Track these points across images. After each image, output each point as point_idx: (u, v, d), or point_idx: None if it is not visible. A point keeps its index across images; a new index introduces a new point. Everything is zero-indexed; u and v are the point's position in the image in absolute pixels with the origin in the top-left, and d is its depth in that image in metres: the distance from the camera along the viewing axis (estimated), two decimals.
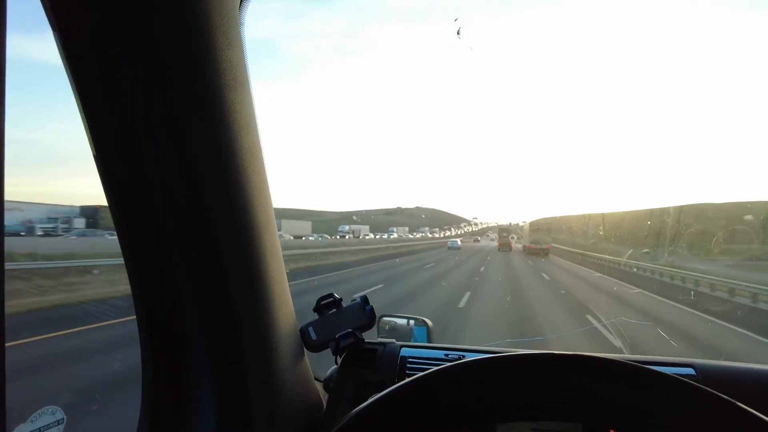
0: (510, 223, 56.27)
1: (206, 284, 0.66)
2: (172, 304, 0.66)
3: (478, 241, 64.13)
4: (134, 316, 0.67)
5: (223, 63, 0.60)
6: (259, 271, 0.70)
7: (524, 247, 37.07)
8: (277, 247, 0.75)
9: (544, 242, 33.21)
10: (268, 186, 0.72)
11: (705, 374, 0.85)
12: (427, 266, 19.64)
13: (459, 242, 41.14)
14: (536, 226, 36.48)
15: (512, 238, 44.96)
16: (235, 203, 0.65)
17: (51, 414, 0.63)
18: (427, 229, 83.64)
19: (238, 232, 0.67)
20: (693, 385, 0.54)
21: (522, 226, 47.95)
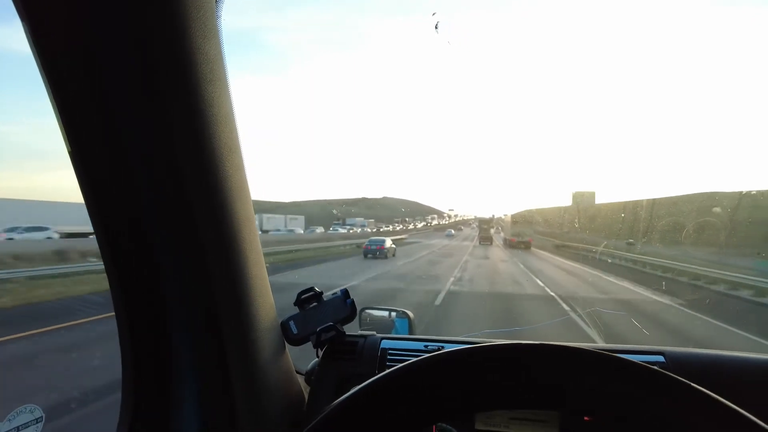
0: (493, 216, 55.64)
1: (187, 280, 0.66)
2: (152, 299, 0.66)
3: (454, 232, 57.85)
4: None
5: (200, 56, 0.59)
6: (240, 266, 0.70)
7: (505, 240, 37.29)
8: (256, 242, 0.75)
9: (525, 235, 33.24)
10: (246, 181, 0.72)
11: (674, 361, 0.87)
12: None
13: (389, 242, 21.01)
14: (517, 219, 36.43)
15: (493, 230, 45.33)
16: (215, 198, 0.65)
17: (29, 412, 0.62)
18: (361, 221, 63.77)
19: (218, 227, 0.67)
20: (660, 372, 0.56)
21: (503, 219, 48.23)
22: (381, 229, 53.14)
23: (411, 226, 72.34)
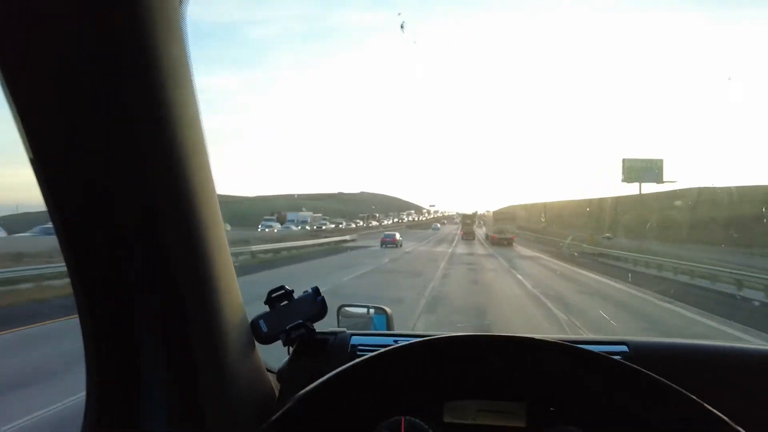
0: (476, 212, 55.93)
1: (153, 279, 0.65)
2: (117, 299, 0.65)
3: (439, 227, 56.75)
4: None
5: (164, 57, 0.58)
6: (207, 265, 0.70)
7: (487, 236, 36.97)
8: (223, 241, 0.75)
9: (508, 231, 32.77)
10: (212, 181, 0.72)
11: (637, 351, 0.89)
12: None
13: (398, 235, 26.55)
14: (499, 216, 35.80)
15: (476, 225, 45.68)
16: (181, 199, 0.65)
17: None
18: (303, 216, 54.25)
19: (184, 227, 0.66)
20: (620, 362, 0.58)
21: (485, 215, 48.58)
22: (327, 227, 45.16)
23: (388, 222, 68.74)
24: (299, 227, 42.76)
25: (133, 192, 0.61)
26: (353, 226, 53.37)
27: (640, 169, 30.82)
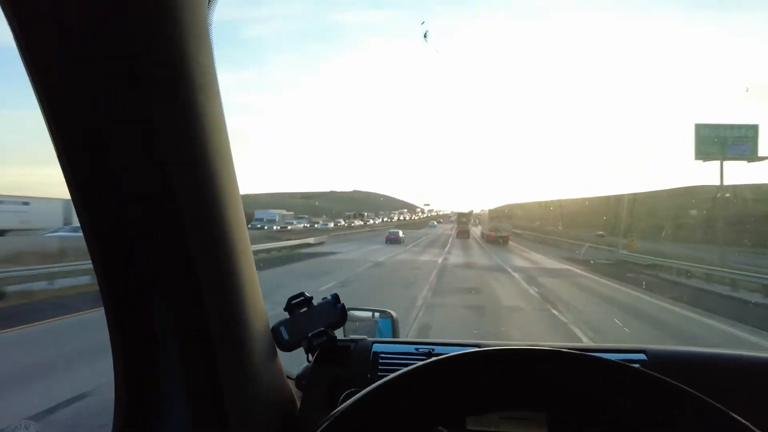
0: (471, 211, 55.47)
1: (178, 285, 0.66)
2: (141, 304, 0.66)
3: (435, 225, 53.87)
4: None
5: (192, 65, 0.59)
6: (231, 271, 0.71)
7: (482, 234, 36.74)
8: (248, 248, 0.76)
9: (503, 230, 32.32)
10: (237, 187, 0.73)
11: (656, 359, 0.89)
12: None
13: (401, 233, 28.73)
14: (495, 214, 35.09)
15: (471, 223, 45.21)
16: (207, 205, 0.66)
17: (24, 428, 0.62)
18: (273, 213, 46.74)
19: (209, 233, 0.67)
20: (641, 370, 0.58)
21: (481, 214, 48.18)
22: (294, 227, 39.63)
23: (376, 221, 63.97)
24: (265, 227, 37.91)
25: (157, 196, 0.62)
26: (331, 225, 47.08)
27: (723, 140, 19.15)
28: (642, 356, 0.90)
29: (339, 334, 1.02)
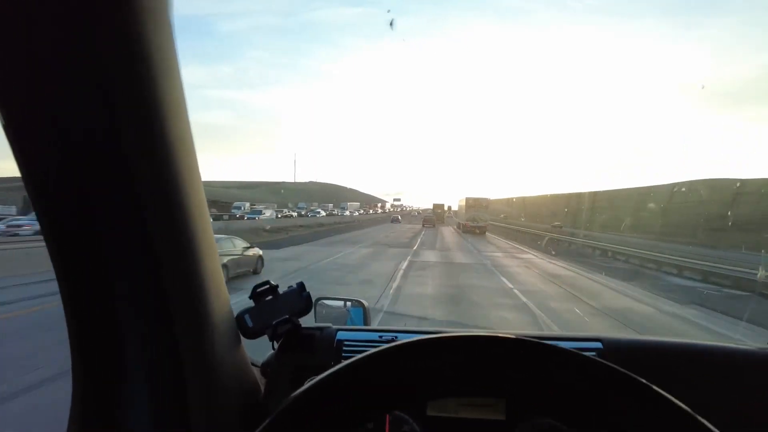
0: (443, 205, 56.30)
1: (138, 272, 0.65)
2: (99, 288, 0.64)
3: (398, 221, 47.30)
4: None
5: (151, 47, 0.57)
6: (193, 258, 0.70)
7: (459, 225, 35.68)
8: (210, 235, 0.75)
9: (481, 219, 31.07)
10: (198, 173, 0.71)
11: (612, 348, 0.92)
12: None
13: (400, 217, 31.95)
14: (473, 203, 32.82)
15: (447, 214, 45.57)
16: (167, 190, 0.64)
17: None
18: None
19: (169, 219, 0.65)
20: (594, 359, 0.59)
21: (456, 209, 48.01)
22: None
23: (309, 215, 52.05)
24: None
25: (117, 180, 0.60)
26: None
27: None
28: (598, 345, 0.94)
29: (312, 323, 1.03)
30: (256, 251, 12.58)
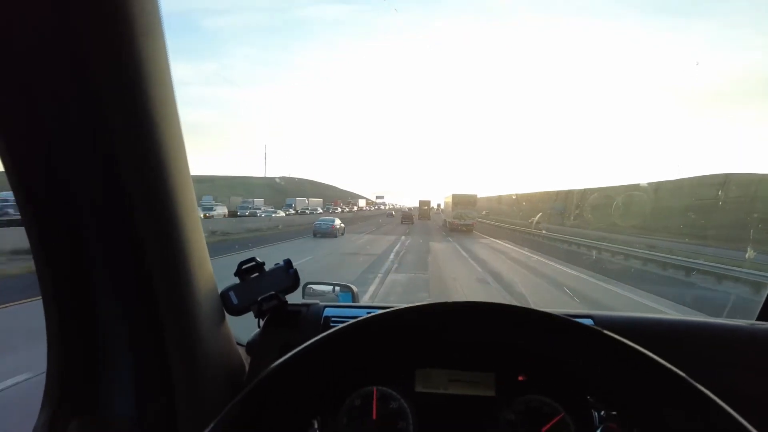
0: (438, 205, 56.30)
1: (120, 250, 0.63)
2: (83, 271, 0.62)
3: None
4: None
5: (142, 48, 0.57)
6: (177, 236, 0.68)
7: (445, 222, 33.89)
8: (194, 213, 0.73)
9: (469, 217, 29.40)
10: (185, 149, 0.69)
11: (602, 324, 0.92)
12: None
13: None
14: (459, 200, 30.79)
15: (433, 211, 45.50)
16: (149, 160, 0.62)
17: None
18: None
19: (153, 196, 0.63)
20: (593, 329, 0.59)
21: (442, 208, 47.61)
22: None
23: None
24: None
25: (100, 160, 0.58)
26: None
27: None
28: (589, 321, 0.93)
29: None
30: None
